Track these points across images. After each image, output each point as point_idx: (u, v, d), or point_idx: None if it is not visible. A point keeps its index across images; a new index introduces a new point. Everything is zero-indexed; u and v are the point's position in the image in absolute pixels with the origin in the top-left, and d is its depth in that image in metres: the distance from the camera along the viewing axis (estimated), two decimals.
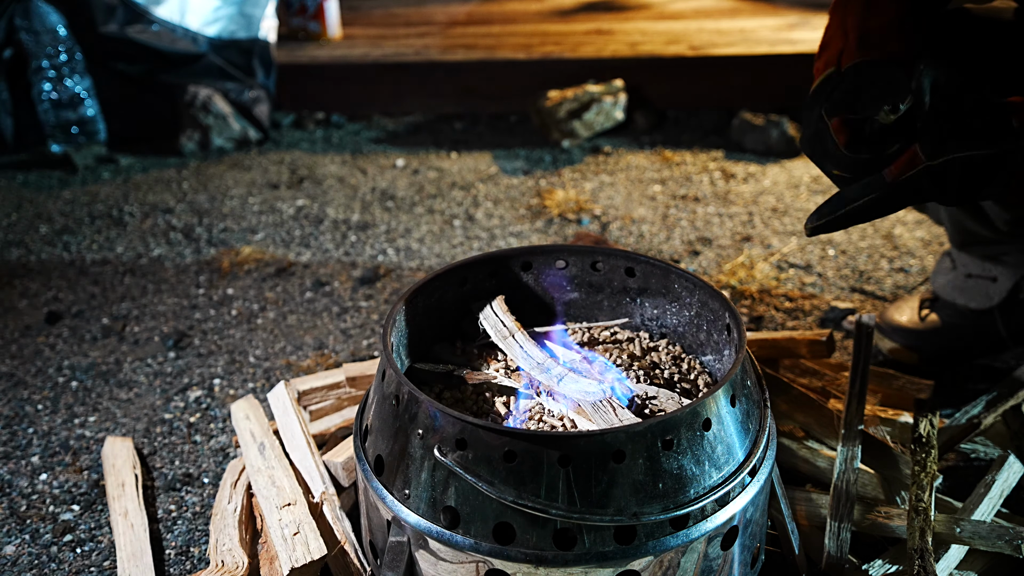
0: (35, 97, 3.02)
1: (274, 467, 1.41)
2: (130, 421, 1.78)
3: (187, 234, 2.55)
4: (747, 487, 1.14)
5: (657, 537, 1.07)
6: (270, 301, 2.20)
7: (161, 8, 3.13)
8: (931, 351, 1.80)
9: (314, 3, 3.70)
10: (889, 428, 1.45)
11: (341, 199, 2.76)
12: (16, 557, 1.45)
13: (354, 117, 3.48)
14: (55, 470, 1.64)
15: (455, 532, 1.08)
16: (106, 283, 2.32)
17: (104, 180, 2.96)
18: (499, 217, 2.59)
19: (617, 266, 1.45)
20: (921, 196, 1.14)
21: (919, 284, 2.11)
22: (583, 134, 3.11)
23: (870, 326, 1.54)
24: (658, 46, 3.40)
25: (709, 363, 1.38)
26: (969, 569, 1.26)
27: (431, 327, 1.41)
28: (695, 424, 1.08)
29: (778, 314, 2.04)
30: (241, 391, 1.85)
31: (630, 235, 2.46)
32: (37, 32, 2.96)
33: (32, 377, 1.93)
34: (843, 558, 1.26)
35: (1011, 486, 1.35)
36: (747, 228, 2.47)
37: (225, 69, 3.21)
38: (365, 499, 1.23)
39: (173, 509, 1.54)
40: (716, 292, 1.33)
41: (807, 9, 3.84)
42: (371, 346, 2.00)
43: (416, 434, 1.10)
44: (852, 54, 1.23)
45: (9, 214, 2.74)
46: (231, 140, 3.19)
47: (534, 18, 3.99)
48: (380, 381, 1.20)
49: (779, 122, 2.97)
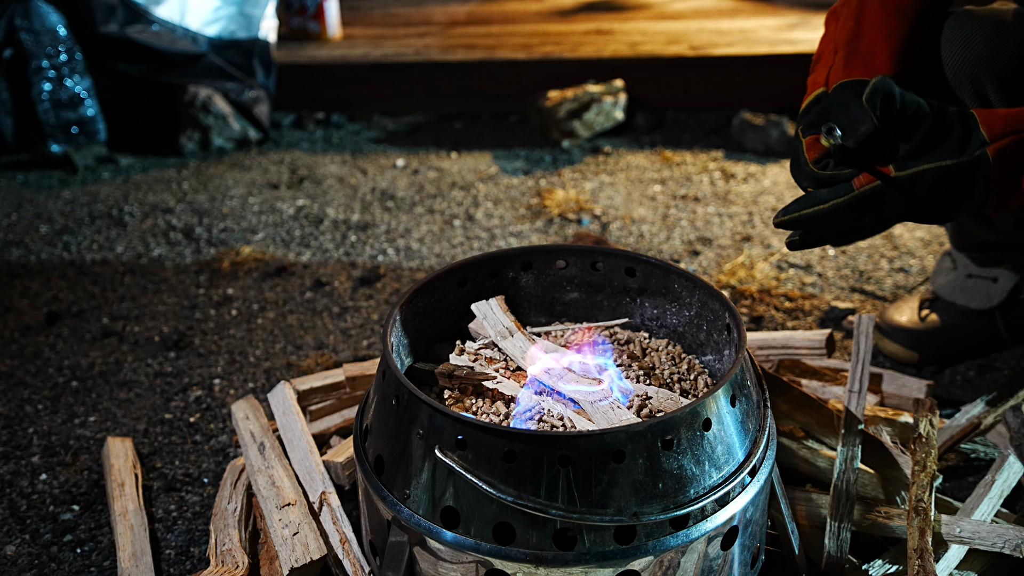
0: (35, 97, 3.02)
1: (274, 467, 1.41)
2: (130, 421, 1.78)
3: (187, 234, 2.55)
4: (747, 487, 1.14)
5: (657, 537, 1.07)
6: (270, 301, 2.20)
7: (161, 8, 3.13)
8: (931, 351, 1.80)
9: (314, 3, 3.70)
10: (889, 428, 1.45)
11: (341, 199, 2.76)
12: (16, 557, 1.45)
13: (354, 117, 3.48)
14: (55, 470, 1.64)
15: (455, 532, 1.09)
16: (106, 283, 2.32)
17: (104, 180, 2.97)
18: (499, 217, 2.59)
19: (617, 266, 1.45)
20: (893, 209, 1.15)
21: (919, 284, 2.11)
22: (583, 134, 3.11)
23: (870, 326, 1.54)
24: (658, 46, 3.40)
25: (709, 363, 1.38)
26: (969, 569, 1.26)
27: (431, 327, 1.41)
28: (695, 424, 1.08)
29: (778, 314, 2.04)
30: (241, 391, 1.85)
31: (630, 235, 2.46)
32: (37, 32, 2.96)
33: (32, 377, 1.93)
34: (843, 558, 1.26)
35: (1011, 486, 1.35)
36: (747, 228, 2.47)
37: (225, 69, 3.21)
38: (365, 499, 1.23)
39: (173, 509, 1.54)
40: (716, 292, 1.33)
41: (807, 9, 3.84)
42: (371, 346, 2.00)
43: (416, 434, 1.10)
44: (839, 74, 1.25)
45: (9, 214, 2.74)
46: (231, 140, 3.19)
47: (534, 18, 3.99)
48: (380, 381, 1.20)
49: (779, 122, 2.97)
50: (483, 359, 1.38)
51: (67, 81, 3.02)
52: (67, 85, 3.03)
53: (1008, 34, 1.28)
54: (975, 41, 1.30)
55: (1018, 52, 1.27)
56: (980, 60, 1.29)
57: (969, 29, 1.30)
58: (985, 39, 1.29)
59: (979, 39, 1.29)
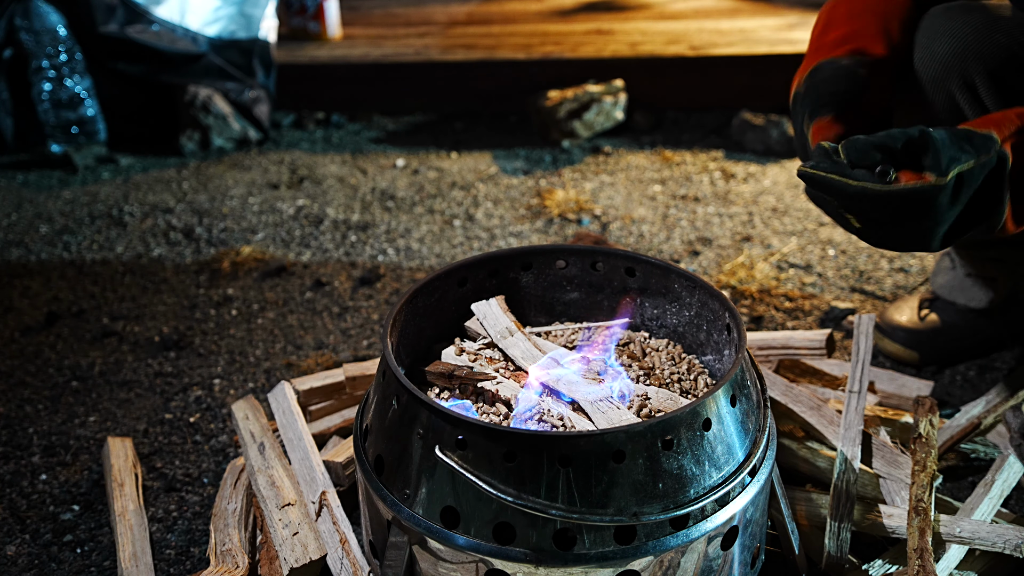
0: (35, 97, 3.02)
1: (274, 467, 1.41)
2: (130, 421, 1.78)
3: (187, 234, 2.55)
4: (747, 487, 1.14)
5: (657, 537, 1.07)
6: (270, 301, 2.20)
7: (161, 8, 3.13)
8: (931, 351, 1.80)
9: (314, 3, 3.69)
10: (889, 428, 1.45)
11: (341, 199, 2.76)
12: (16, 557, 1.45)
13: (354, 117, 3.48)
14: (55, 470, 1.64)
15: (455, 532, 1.09)
16: (106, 283, 2.32)
17: (104, 180, 2.97)
18: (499, 217, 2.59)
19: (617, 266, 1.45)
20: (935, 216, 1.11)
21: (919, 284, 2.11)
22: (583, 134, 3.11)
23: (870, 326, 1.54)
24: (658, 46, 3.40)
25: (709, 363, 1.38)
26: (969, 569, 1.26)
27: (431, 327, 1.41)
28: (695, 424, 1.08)
29: (778, 314, 2.04)
30: (241, 391, 1.85)
31: (630, 235, 2.46)
32: (37, 32, 2.96)
33: (32, 377, 1.93)
34: (843, 558, 1.26)
35: (1011, 486, 1.35)
36: (747, 228, 2.47)
37: (225, 69, 3.21)
38: (365, 499, 1.23)
39: (173, 509, 1.54)
40: (716, 292, 1.33)
41: (807, 9, 3.84)
42: (371, 346, 2.00)
43: (416, 434, 1.10)
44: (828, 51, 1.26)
45: (9, 214, 2.74)
46: (231, 140, 3.19)
47: (534, 18, 3.99)
48: (380, 381, 1.20)
49: (779, 122, 2.97)
50: (483, 359, 1.38)
51: (67, 81, 3.02)
52: (67, 85, 3.03)
53: (998, 26, 1.26)
54: (964, 33, 1.28)
55: (1008, 44, 1.26)
56: (969, 52, 1.28)
57: (959, 21, 1.29)
58: (975, 31, 1.27)
59: (968, 31, 1.27)
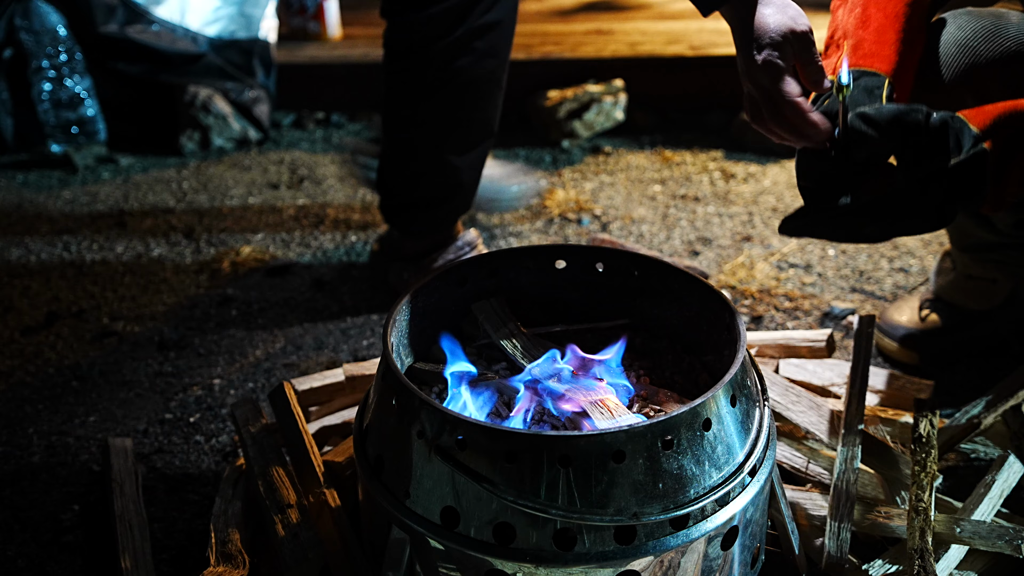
0: (35, 97, 3.02)
1: (274, 467, 1.41)
2: (130, 421, 1.78)
3: (187, 234, 2.55)
4: (747, 487, 1.14)
5: (657, 537, 1.07)
6: (270, 301, 2.20)
7: (161, 8, 3.13)
8: (931, 351, 1.80)
9: (314, 3, 3.69)
10: (889, 428, 1.45)
11: (341, 199, 2.76)
12: (16, 557, 1.45)
13: (354, 117, 3.48)
14: (55, 470, 1.64)
15: (455, 532, 1.09)
16: (106, 283, 2.32)
17: (104, 180, 2.97)
18: (499, 217, 2.59)
19: (617, 266, 1.45)
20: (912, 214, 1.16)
21: (919, 284, 2.11)
22: (583, 134, 3.11)
23: (870, 326, 1.54)
24: (658, 46, 3.40)
25: (709, 363, 1.38)
26: (969, 569, 1.26)
27: (431, 327, 1.41)
28: (695, 424, 1.08)
29: (778, 314, 2.04)
30: (241, 391, 1.85)
31: (630, 235, 2.46)
32: (37, 32, 2.96)
33: (32, 377, 1.93)
34: (843, 558, 1.26)
35: (1011, 486, 1.35)
36: (747, 228, 2.47)
37: (225, 69, 3.20)
38: (365, 499, 1.23)
39: (173, 509, 1.54)
40: (716, 292, 1.33)
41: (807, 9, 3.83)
42: (371, 346, 2.00)
43: (416, 434, 1.10)
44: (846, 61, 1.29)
45: (9, 214, 2.74)
46: (231, 140, 3.19)
47: (534, 18, 3.99)
48: (380, 381, 1.20)
49: None
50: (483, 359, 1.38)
51: (67, 81, 3.02)
52: (67, 85, 3.03)
53: (1008, 34, 1.28)
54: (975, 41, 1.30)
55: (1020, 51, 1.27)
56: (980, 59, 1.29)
57: (969, 29, 1.31)
58: (986, 38, 1.29)
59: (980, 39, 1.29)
